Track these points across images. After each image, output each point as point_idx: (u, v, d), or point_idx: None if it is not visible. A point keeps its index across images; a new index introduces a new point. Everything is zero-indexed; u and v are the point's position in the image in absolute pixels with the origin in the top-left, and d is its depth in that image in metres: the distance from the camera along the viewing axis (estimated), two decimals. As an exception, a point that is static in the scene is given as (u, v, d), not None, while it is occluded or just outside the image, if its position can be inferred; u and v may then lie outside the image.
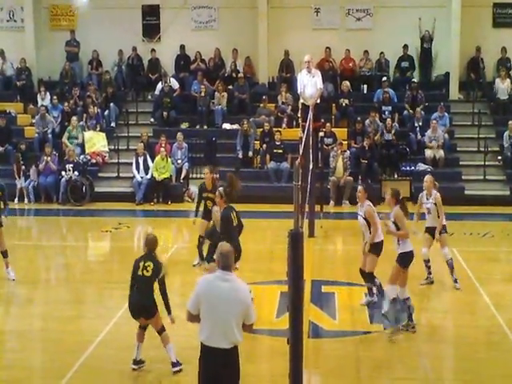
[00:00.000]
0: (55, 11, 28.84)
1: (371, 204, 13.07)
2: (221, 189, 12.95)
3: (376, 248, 12.90)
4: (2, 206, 14.28)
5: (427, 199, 14.49)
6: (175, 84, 26.97)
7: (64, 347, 11.46)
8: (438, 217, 14.31)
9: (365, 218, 13.02)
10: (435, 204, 14.32)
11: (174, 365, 10.49)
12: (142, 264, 10.38)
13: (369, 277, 13.07)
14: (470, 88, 27.27)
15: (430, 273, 14.62)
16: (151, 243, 10.63)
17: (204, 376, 7.64)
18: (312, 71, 18.89)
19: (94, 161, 24.66)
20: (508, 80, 26.14)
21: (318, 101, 18.92)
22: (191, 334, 8.97)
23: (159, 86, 26.84)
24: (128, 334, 12.24)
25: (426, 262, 14.52)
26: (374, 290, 13.22)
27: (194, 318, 7.72)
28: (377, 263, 12.99)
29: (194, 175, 24.51)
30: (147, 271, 10.31)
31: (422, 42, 27.14)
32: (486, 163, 24.18)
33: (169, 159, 23.77)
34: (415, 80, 26.61)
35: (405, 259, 11.87)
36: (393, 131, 24.42)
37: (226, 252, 7.71)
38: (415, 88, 25.84)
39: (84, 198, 23.33)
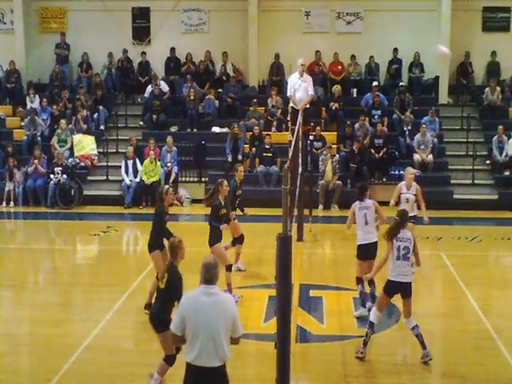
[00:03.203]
0: (45, 14, 28.80)
1: (357, 203, 13.12)
2: None
3: (357, 251, 12.98)
4: None
5: (407, 190, 15.28)
6: (165, 87, 26.96)
7: (52, 351, 11.45)
8: (418, 208, 15.39)
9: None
10: (415, 195, 15.19)
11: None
12: (165, 273, 9.62)
13: (356, 281, 13.07)
14: (459, 92, 27.37)
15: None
16: (170, 249, 9.73)
17: None
18: (304, 76, 18.89)
19: (82, 164, 24.56)
20: (498, 89, 26.17)
21: (308, 105, 18.92)
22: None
23: (149, 88, 26.82)
24: (116, 337, 12.30)
25: None
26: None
27: (178, 339, 7.47)
28: (361, 268, 12.88)
29: (184, 179, 24.49)
30: (162, 283, 9.58)
31: (410, 66, 27.41)
32: (475, 167, 24.23)
33: (158, 162, 23.74)
34: (403, 84, 26.63)
35: (386, 285, 11.08)
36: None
37: (207, 264, 7.44)
38: (403, 91, 25.90)
39: (73, 202, 23.27)
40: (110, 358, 11.25)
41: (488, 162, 24.46)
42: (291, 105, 19.10)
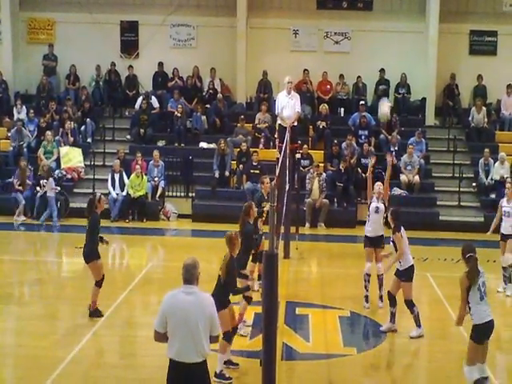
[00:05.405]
0: (33, 24, 28.75)
1: (402, 230, 12.98)
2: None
3: (406, 274, 12.90)
4: None
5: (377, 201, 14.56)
6: (155, 103, 26.96)
7: (36, 364, 11.35)
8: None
9: (393, 241, 13.10)
10: (384, 204, 14.37)
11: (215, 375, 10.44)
12: (224, 264, 10.52)
13: (409, 304, 12.97)
14: (445, 114, 27.52)
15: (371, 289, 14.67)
16: (228, 241, 10.74)
17: None
18: (291, 93, 18.94)
19: (69, 176, 24.50)
20: (484, 109, 26.36)
21: (295, 123, 18.95)
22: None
23: (139, 101, 26.78)
24: (101, 351, 12.24)
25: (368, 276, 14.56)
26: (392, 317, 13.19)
27: (161, 336, 7.67)
28: (412, 289, 12.96)
29: (170, 193, 24.48)
30: (221, 272, 10.51)
31: (397, 87, 27.58)
32: (461, 189, 24.34)
33: (144, 177, 23.70)
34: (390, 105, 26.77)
35: (478, 332, 9.93)
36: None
37: (188, 265, 7.69)
38: (390, 112, 26.00)
39: (59, 214, 23.14)
40: (94, 371, 11.21)
41: (474, 184, 24.58)
42: (279, 122, 19.11)
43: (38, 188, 23.35)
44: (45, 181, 23.40)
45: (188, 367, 7.49)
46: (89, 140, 26.40)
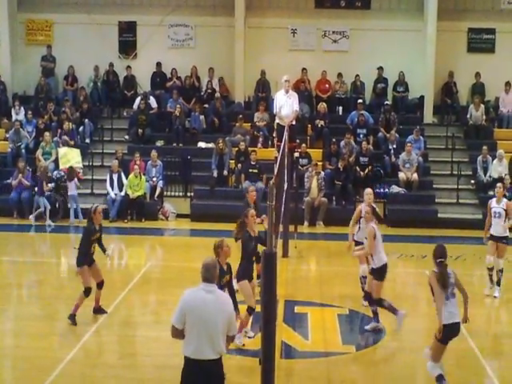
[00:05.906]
0: (31, 26, 28.77)
1: (375, 226, 12.97)
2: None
3: (378, 273, 12.88)
4: None
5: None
6: (154, 103, 26.96)
7: (35, 364, 11.34)
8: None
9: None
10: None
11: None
12: None
13: (377, 303, 12.95)
14: (444, 112, 27.52)
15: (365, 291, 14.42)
16: (214, 249, 11.00)
17: None
18: (289, 92, 18.93)
19: (68, 177, 24.51)
20: (482, 106, 26.37)
21: (294, 122, 18.94)
22: (169, 353, 8.89)
23: (137, 101, 26.79)
24: (99, 351, 12.23)
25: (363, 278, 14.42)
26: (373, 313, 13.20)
27: (178, 333, 7.67)
28: (382, 288, 12.95)
29: (169, 193, 24.49)
30: None
31: (395, 85, 27.65)
32: (459, 187, 24.40)
33: (143, 177, 23.71)
34: (388, 103, 26.76)
35: (444, 332, 10.01)
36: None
37: (207, 265, 7.73)
38: (388, 110, 26.02)
39: (57, 214, 23.15)
40: (93, 372, 11.19)
41: (472, 181, 24.61)
42: (277, 121, 19.10)
43: (36, 189, 23.33)
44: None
45: (204, 364, 7.52)
46: (87, 141, 26.41)
